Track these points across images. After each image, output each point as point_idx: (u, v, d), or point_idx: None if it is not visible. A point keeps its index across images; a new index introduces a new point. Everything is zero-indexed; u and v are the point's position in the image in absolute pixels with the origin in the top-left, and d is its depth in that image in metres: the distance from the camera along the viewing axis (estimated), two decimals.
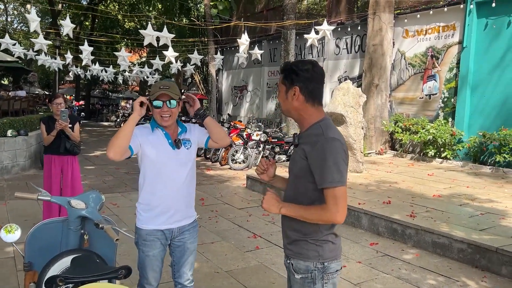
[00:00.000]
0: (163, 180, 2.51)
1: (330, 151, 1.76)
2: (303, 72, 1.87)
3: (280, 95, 1.96)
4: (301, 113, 1.92)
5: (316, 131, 1.84)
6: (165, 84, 2.47)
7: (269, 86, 16.80)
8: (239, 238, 5.26)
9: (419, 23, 10.78)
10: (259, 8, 17.98)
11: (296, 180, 1.93)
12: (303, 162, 1.85)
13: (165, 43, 9.62)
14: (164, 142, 2.52)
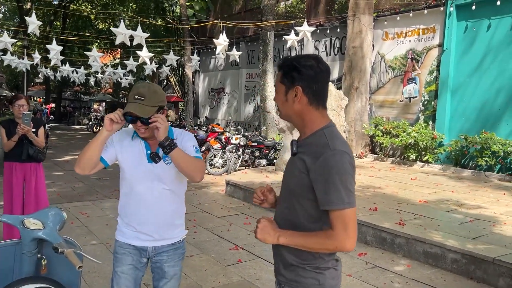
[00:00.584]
0: (136, 196, 2.17)
1: (337, 167, 1.48)
2: (307, 69, 1.57)
3: (278, 97, 1.66)
4: (303, 118, 1.62)
5: (320, 140, 1.56)
6: (140, 92, 2.03)
7: (247, 89, 16.49)
8: (220, 251, 4.91)
9: (399, 26, 10.69)
10: (236, 9, 17.67)
11: (291, 197, 1.63)
12: (303, 176, 1.56)
13: (139, 43, 9.20)
14: (141, 153, 2.17)
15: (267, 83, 12.26)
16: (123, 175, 2.20)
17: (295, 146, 1.64)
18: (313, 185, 1.51)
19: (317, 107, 1.60)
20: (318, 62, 1.58)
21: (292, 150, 1.65)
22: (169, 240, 2.24)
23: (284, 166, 7.98)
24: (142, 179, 2.15)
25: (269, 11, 12.27)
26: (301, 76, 1.57)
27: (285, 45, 13.93)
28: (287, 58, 1.63)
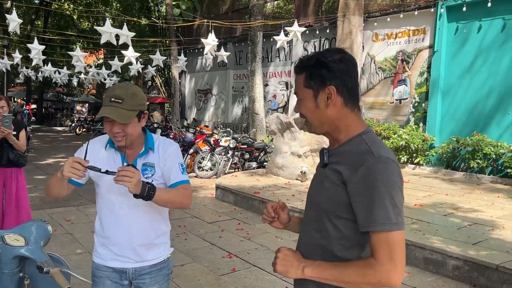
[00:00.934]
0: (112, 214, 1.93)
1: (384, 177, 1.21)
2: (338, 64, 1.31)
3: (305, 105, 1.36)
4: (338, 124, 1.35)
5: (359, 147, 1.30)
6: (117, 95, 1.76)
7: (235, 90, 16.28)
8: (213, 259, 4.69)
9: (389, 27, 10.63)
10: (223, 9, 17.46)
11: (322, 216, 1.35)
12: (338, 190, 1.29)
13: (124, 42, 8.92)
14: (116, 165, 1.85)
15: (255, 84, 12.08)
16: (98, 190, 1.95)
17: (326, 155, 1.38)
18: (351, 200, 1.25)
19: (352, 109, 1.35)
20: (345, 54, 1.34)
21: (323, 160, 1.38)
22: (151, 261, 1.99)
23: (275, 169, 7.76)
24: (119, 196, 1.88)
25: (258, 11, 12.11)
26: (332, 74, 1.31)
27: (273, 46, 13.80)
28: (310, 56, 1.36)
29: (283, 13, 15.70)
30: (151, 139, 1.95)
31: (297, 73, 1.38)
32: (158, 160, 1.93)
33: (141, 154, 1.92)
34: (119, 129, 1.78)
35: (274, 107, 14.20)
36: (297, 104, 1.40)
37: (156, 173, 1.92)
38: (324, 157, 1.38)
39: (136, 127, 1.84)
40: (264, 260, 4.61)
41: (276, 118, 8.10)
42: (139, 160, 1.91)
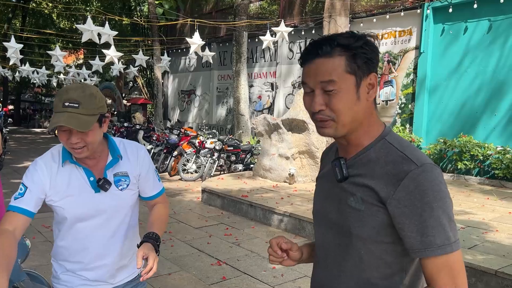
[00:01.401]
0: (81, 241, 1.66)
1: (434, 191, 1.00)
2: (376, 49, 1.08)
3: (343, 97, 1.06)
4: (364, 122, 1.11)
5: (388, 153, 1.07)
6: (72, 98, 1.49)
7: (219, 91, 16.05)
8: (201, 267, 4.49)
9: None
10: (207, 9, 17.23)
11: (352, 242, 1.11)
12: (374, 212, 1.06)
13: (106, 41, 8.63)
14: (81, 182, 1.63)
15: (240, 85, 11.90)
16: (60, 216, 1.65)
17: (345, 166, 1.12)
18: (394, 222, 1.03)
19: (375, 105, 1.13)
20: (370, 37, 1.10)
21: (340, 172, 1.12)
22: (126, 278, 1.79)
23: (263, 171, 7.56)
24: (89, 217, 1.64)
25: (243, 11, 11.93)
26: (377, 59, 1.07)
27: (258, 47, 13.64)
28: (354, 35, 1.07)
29: (266, 13, 15.57)
30: (115, 145, 1.70)
31: (327, 55, 1.05)
32: (131, 168, 1.71)
33: (110, 164, 1.67)
34: (77, 139, 1.50)
35: (259, 108, 14.04)
36: (322, 98, 1.06)
37: (131, 182, 1.70)
38: (341, 169, 1.12)
39: (97, 134, 1.57)
40: (255, 268, 4.43)
41: (263, 120, 7.93)
42: (109, 172, 1.66)
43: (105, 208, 1.65)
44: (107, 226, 1.67)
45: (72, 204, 1.61)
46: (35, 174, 1.60)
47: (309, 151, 7.63)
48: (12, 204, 1.54)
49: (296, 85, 12.80)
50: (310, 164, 7.78)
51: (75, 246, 1.67)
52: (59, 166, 1.62)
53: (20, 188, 1.58)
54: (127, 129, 14.23)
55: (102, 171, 1.64)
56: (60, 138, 1.54)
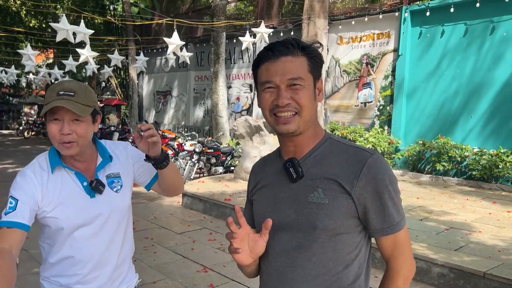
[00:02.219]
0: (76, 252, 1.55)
1: (389, 174, 1.14)
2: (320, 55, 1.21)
3: (306, 93, 1.15)
4: (316, 121, 1.22)
5: (338, 149, 1.18)
6: (67, 87, 1.46)
7: (196, 92, 15.84)
8: (187, 274, 4.35)
9: (354, 30, 10.65)
10: (183, 9, 16.99)
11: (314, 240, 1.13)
12: (341, 202, 1.12)
13: (78, 40, 8.34)
14: (74, 188, 1.54)
15: (219, 86, 11.76)
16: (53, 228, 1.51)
17: (298, 164, 1.16)
18: (360, 208, 1.13)
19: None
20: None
21: (298, 172, 1.15)
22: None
23: (245, 174, 7.45)
24: (86, 224, 1.54)
25: (221, 11, 11.80)
26: (322, 66, 1.21)
27: (236, 47, 13.53)
28: (302, 41, 1.18)
29: (243, 14, 15.48)
30: (104, 146, 1.63)
31: (294, 54, 1.14)
32: (122, 168, 1.63)
33: (101, 164, 1.58)
34: (69, 130, 1.44)
35: (238, 109, 13.93)
36: (288, 92, 1.13)
37: (124, 184, 1.62)
38: (297, 168, 1.16)
39: (89, 129, 1.51)
40: (242, 274, 4.32)
41: (245, 121, 7.84)
42: (101, 173, 1.58)
43: (101, 212, 1.55)
44: (104, 232, 1.57)
45: (67, 212, 1.50)
46: (25, 185, 1.48)
47: None
48: (3, 219, 1.40)
49: None
50: None
51: (71, 258, 1.55)
52: (49, 174, 1.52)
53: (10, 201, 1.44)
54: (101, 131, 13.87)
55: (94, 174, 1.56)
56: (50, 130, 1.46)
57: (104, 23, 19.85)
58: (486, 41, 8.40)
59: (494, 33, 8.32)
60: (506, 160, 7.57)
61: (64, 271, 1.56)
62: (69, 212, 1.51)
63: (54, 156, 1.53)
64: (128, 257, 1.71)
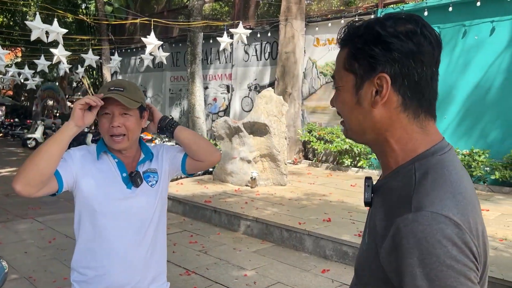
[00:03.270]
0: (107, 244, 1.56)
1: (421, 254, 0.72)
2: (402, 40, 0.82)
3: (342, 98, 0.92)
4: (388, 136, 0.87)
5: (404, 183, 0.82)
6: (118, 84, 1.58)
7: (172, 92, 15.68)
8: (169, 277, 4.21)
9: (331, 32, 10.77)
10: (158, 8, 16.80)
11: (359, 276, 0.93)
12: (371, 253, 0.85)
13: (50, 39, 8.11)
14: (114, 176, 1.59)
15: (196, 87, 11.67)
16: (87, 208, 1.56)
17: (369, 189, 0.92)
18: (388, 274, 0.80)
19: (415, 116, 0.85)
20: (421, 26, 0.84)
21: (365, 196, 0.92)
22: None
23: (224, 175, 7.46)
24: (119, 216, 1.56)
25: (197, 12, 11.71)
26: (389, 54, 0.82)
27: (213, 48, 13.48)
28: (361, 22, 0.89)
29: (218, 15, 15.44)
30: (145, 146, 1.71)
31: (340, 46, 0.92)
32: (159, 165, 1.70)
33: (143, 160, 1.66)
34: (119, 123, 1.54)
35: (215, 110, 13.87)
36: (334, 95, 0.95)
37: (160, 180, 1.66)
38: (365, 192, 0.92)
39: (138, 125, 1.61)
40: (226, 276, 4.30)
41: (224, 123, 7.80)
42: (140, 168, 1.65)
43: (134, 207, 1.59)
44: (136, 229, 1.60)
45: (100, 197, 1.55)
46: (67, 155, 1.56)
47: (271, 154, 7.60)
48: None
49: (252, 87, 12.76)
50: (272, 167, 7.75)
51: (98, 252, 1.57)
52: (94, 160, 1.60)
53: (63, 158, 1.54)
54: None
55: (134, 167, 1.65)
56: (101, 124, 1.56)
57: (76, 22, 19.39)
58: (458, 45, 8.65)
59: (465, 37, 8.58)
60: (478, 159, 7.81)
61: (87, 265, 1.58)
62: (102, 196, 1.55)
63: (101, 145, 1.62)
64: (161, 264, 1.72)
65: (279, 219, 5.50)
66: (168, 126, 1.67)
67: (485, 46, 8.32)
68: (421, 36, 0.83)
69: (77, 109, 1.45)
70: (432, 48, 0.84)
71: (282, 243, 5.26)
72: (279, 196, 6.93)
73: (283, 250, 5.12)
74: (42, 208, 6.89)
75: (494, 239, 4.78)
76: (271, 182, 7.76)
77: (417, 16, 0.86)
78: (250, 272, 4.38)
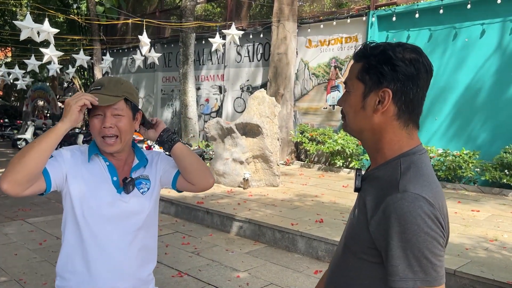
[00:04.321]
0: (95, 248, 1.52)
1: (404, 222, 0.96)
2: (406, 65, 1.05)
3: (350, 101, 1.14)
4: (380, 137, 1.11)
5: (392, 173, 1.06)
6: (96, 83, 1.55)
7: (163, 93, 15.62)
8: (162, 279, 4.27)
9: (323, 34, 10.81)
10: (150, 9, 16.73)
11: (345, 252, 1.15)
12: (362, 227, 1.08)
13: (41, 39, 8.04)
14: (105, 179, 1.55)
15: (188, 88, 11.65)
16: (73, 213, 1.52)
17: (359, 178, 1.16)
18: (376, 244, 1.03)
19: (405, 124, 1.10)
20: (421, 56, 1.07)
21: (355, 183, 1.16)
22: None
23: (216, 176, 7.42)
24: (107, 220, 1.52)
25: (189, 12, 11.70)
26: (395, 74, 1.05)
27: (205, 49, 13.46)
28: (375, 44, 1.10)
29: (211, 16, 15.42)
30: (141, 150, 1.67)
31: (355, 60, 1.14)
32: (152, 172, 1.65)
33: (137, 166, 1.62)
34: (110, 124, 1.49)
35: (207, 111, 13.84)
36: (342, 96, 1.17)
37: (151, 187, 1.62)
38: (356, 180, 1.16)
39: (130, 126, 1.56)
40: (219, 277, 4.29)
41: (216, 123, 7.79)
42: (133, 174, 1.60)
43: (123, 213, 1.55)
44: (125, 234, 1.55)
45: (90, 199, 1.51)
46: (57, 153, 1.53)
47: (263, 155, 7.60)
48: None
49: (244, 88, 12.76)
50: (264, 168, 7.75)
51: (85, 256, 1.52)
52: (85, 161, 1.56)
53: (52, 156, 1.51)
54: None
55: (128, 173, 1.60)
56: (92, 125, 1.52)
57: (67, 22, 19.25)
58: (449, 47, 8.73)
59: (456, 39, 8.66)
60: (468, 161, 7.88)
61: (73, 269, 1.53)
62: (91, 199, 1.51)
63: (93, 147, 1.57)
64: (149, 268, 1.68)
65: (271, 220, 5.50)
66: (169, 140, 1.60)
67: (476, 48, 8.41)
68: (421, 64, 1.07)
69: (75, 110, 1.40)
70: (427, 75, 1.09)
71: (274, 244, 5.26)
72: (271, 197, 6.93)
73: (276, 251, 5.12)
74: (32, 210, 6.82)
75: (485, 240, 4.83)
76: (263, 183, 7.76)
77: (420, 48, 1.10)
78: (242, 274, 4.37)
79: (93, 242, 1.51)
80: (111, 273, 1.53)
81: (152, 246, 1.69)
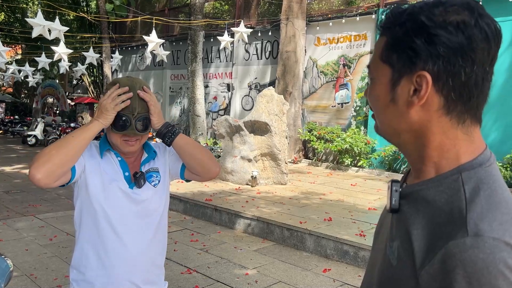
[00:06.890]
0: (108, 242, 1.55)
1: (477, 286, 0.62)
2: (451, 33, 0.68)
3: (375, 91, 0.79)
4: (425, 141, 0.75)
5: (451, 197, 0.70)
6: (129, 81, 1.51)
7: (172, 91, 15.68)
8: (171, 276, 4.30)
9: (331, 31, 10.78)
10: (159, 7, 16.78)
11: None
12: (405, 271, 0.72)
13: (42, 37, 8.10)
14: (116, 174, 1.57)
15: (196, 85, 11.68)
16: (88, 207, 1.55)
17: (397, 194, 0.78)
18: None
19: (460, 120, 0.73)
20: (476, 17, 0.70)
21: (391, 202, 0.78)
22: None
23: (224, 174, 7.43)
24: (120, 214, 1.55)
25: (198, 10, 11.72)
26: (433, 49, 0.69)
27: (213, 46, 13.48)
28: (405, 7, 0.75)
29: (219, 13, 15.43)
30: (148, 144, 1.68)
31: (380, 33, 0.79)
32: (161, 164, 1.67)
33: (146, 160, 1.64)
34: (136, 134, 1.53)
35: (215, 109, 13.87)
36: (369, 86, 0.82)
37: (162, 179, 1.64)
38: (392, 197, 0.78)
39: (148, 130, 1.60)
40: (228, 275, 4.31)
41: (225, 121, 7.81)
42: (143, 168, 1.63)
43: (135, 206, 1.57)
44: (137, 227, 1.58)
45: (102, 193, 1.53)
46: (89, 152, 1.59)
47: (271, 153, 7.61)
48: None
49: (252, 86, 12.76)
50: (272, 166, 7.76)
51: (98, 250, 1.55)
52: (98, 156, 1.58)
53: None
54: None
55: (138, 166, 1.62)
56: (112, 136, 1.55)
57: (77, 19, 19.38)
58: None
59: None
60: None
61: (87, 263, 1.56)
62: (103, 194, 1.53)
63: (104, 142, 1.58)
64: (160, 262, 1.71)
65: (279, 218, 5.51)
66: (169, 134, 1.56)
67: None
68: (475, 29, 0.69)
69: (112, 115, 1.45)
70: (488, 44, 0.70)
71: (283, 242, 5.27)
72: (279, 195, 6.93)
73: (284, 249, 5.13)
74: (43, 206, 6.89)
75: None
76: (271, 181, 7.77)
77: (475, 2, 0.72)
78: (251, 271, 4.39)
79: (111, 235, 1.54)
80: (127, 267, 1.55)
81: (164, 239, 1.72)
